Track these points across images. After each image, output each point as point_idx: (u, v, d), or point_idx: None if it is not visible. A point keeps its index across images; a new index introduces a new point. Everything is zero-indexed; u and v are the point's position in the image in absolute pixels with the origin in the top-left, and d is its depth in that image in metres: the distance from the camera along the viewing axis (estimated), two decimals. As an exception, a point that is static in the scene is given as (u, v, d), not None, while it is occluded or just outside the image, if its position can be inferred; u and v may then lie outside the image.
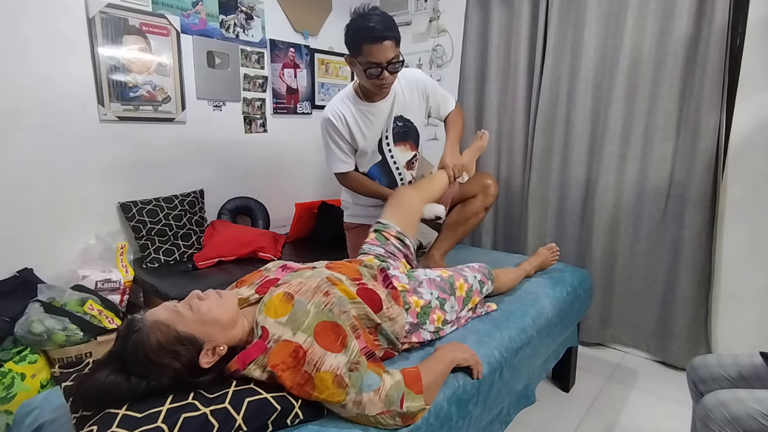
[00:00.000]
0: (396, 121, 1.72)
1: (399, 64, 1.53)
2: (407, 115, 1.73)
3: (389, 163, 1.78)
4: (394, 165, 1.80)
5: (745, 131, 1.96)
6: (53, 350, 1.66)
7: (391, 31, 1.48)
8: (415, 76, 1.76)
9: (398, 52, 1.52)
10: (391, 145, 1.74)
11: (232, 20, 2.47)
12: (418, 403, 0.96)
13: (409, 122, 1.74)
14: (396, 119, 1.71)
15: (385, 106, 1.70)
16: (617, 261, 2.31)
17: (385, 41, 1.46)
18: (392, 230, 1.46)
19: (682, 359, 2.12)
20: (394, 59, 1.50)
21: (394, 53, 1.50)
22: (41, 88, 1.85)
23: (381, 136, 1.73)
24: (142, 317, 0.88)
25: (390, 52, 1.48)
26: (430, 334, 1.25)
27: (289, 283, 1.04)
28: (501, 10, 2.56)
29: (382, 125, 1.71)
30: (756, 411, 1.03)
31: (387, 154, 1.75)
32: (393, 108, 1.70)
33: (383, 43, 1.46)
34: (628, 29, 2.12)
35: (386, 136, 1.72)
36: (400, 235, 1.46)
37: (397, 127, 1.73)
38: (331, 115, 1.69)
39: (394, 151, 1.76)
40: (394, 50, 1.50)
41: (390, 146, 1.74)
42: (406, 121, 1.73)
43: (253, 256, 2.27)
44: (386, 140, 1.73)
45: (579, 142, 2.34)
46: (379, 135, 1.72)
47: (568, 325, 1.75)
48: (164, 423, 0.78)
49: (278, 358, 0.89)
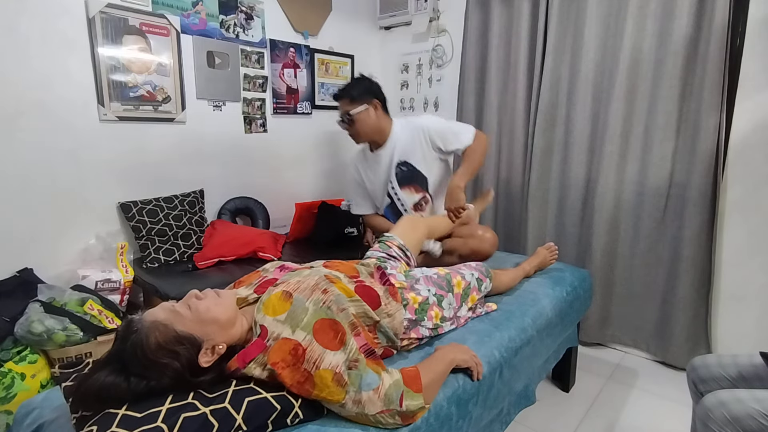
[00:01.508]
0: (400, 167, 1.87)
1: (347, 116, 1.83)
2: (410, 160, 1.85)
3: (397, 206, 1.94)
4: (401, 207, 1.94)
5: (745, 131, 1.96)
6: (53, 350, 1.66)
7: (343, 92, 1.84)
8: (420, 123, 1.85)
9: (349, 109, 1.82)
10: (396, 189, 1.89)
11: (232, 20, 2.46)
12: (417, 402, 0.96)
13: (412, 167, 1.85)
14: (399, 164, 1.86)
15: (384, 153, 1.88)
16: (617, 261, 2.30)
17: (338, 100, 1.84)
18: (395, 241, 1.52)
19: (682, 359, 2.12)
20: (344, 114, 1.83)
21: (344, 109, 1.83)
22: (41, 88, 1.85)
23: (386, 181, 1.89)
24: (141, 318, 0.87)
25: (342, 108, 1.83)
26: (429, 330, 1.25)
27: (288, 282, 1.04)
28: (501, 10, 2.56)
29: (384, 171, 1.88)
30: (756, 411, 1.03)
31: (394, 197, 1.91)
32: (394, 155, 1.85)
33: (337, 101, 1.85)
34: (628, 29, 2.12)
35: (390, 180, 1.88)
36: (403, 247, 1.52)
37: (402, 172, 1.87)
38: (351, 163, 2.04)
39: (400, 194, 1.90)
40: (346, 107, 1.83)
41: (395, 189, 1.89)
42: (410, 166, 1.86)
43: (253, 256, 2.27)
44: (390, 184, 1.90)
45: (579, 142, 2.34)
46: (385, 180, 1.89)
47: (568, 325, 1.75)
48: (164, 423, 0.78)
49: (278, 356, 0.89)
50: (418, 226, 1.63)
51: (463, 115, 2.77)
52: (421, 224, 1.65)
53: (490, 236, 1.70)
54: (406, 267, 1.46)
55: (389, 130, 1.85)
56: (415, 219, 1.67)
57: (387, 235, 1.55)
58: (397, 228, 1.60)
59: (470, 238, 1.68)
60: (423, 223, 1.66)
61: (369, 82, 1.84)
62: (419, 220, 1.67)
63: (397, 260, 1.46)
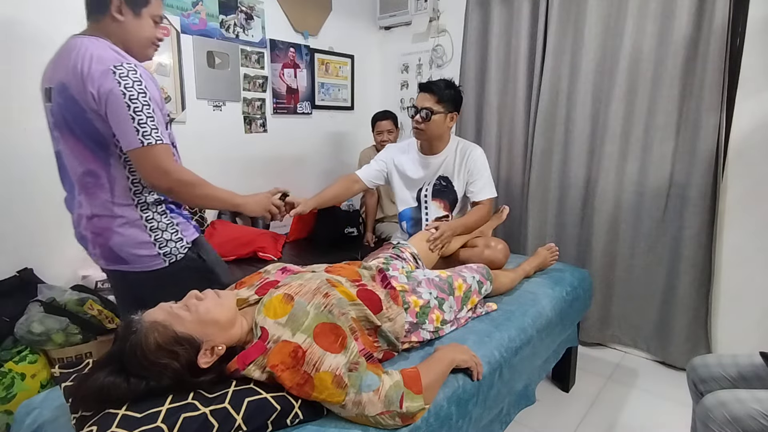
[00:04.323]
0: (440, 179, 1.92)
1: (428, 112, 1.80)
2: (451, 178, 1.91)
3: (421, 212, 1.97)
4: (425, 215, 1.97)
5: (745, 131, 1.96)
6: (53, 350, 1.66)
7: (436, 88, 1.81)
8: (472, 151, 1.90)
9: (433, 107, 1.80)
10: (429, 198, 1.94)
11: (232, 20, 2.46)
12: (417, 403, 0.96)
13: (450, 184, 1.92)
14: (441, 177, 1.92)
15: (434, 162, 1.91)
16: (617, 261, 2.30)
17: (427, 92, 1.81)
18: (410, 249, 1.55)
19: (681, 359, 2.12)
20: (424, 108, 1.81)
21: (427, 104, 1.81)
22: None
23: (422, 186, 1.93)
24: (140, 318, 0.87)
25: (426, 102, 1.80)
26: (430, 333, 1.25)
27: (289, 284, 1.04)
28: (501, 10, 2.56)
29: (426, 176, 1.93)
30: (756, 411, 1.03)
31: (423, 203, 1.95)
32: (440, 167, 1.91)
33: (423, 92, 1.83)
34: (628, 29, 2.12)
35: (426, 187, 1.94)
36: (416, 255, 1.55)
37: (439, 185, 1.93)
38: (391, 147, 2.05)
39: (430, 204, 1.95)
40: (429, 102, 1.80)
41: (427, 198, 1.94)
42: (449, 183, 1.92)
43: (253, 256, 2.27)
44: (425, 191, 1.94)
45: (579, 142, 2.34)
46: (421, 184, 1.93)
47: (567, 325, 1.75)
48: (164, 423, 0.78)
49: (278, 359, 0.89)
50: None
51: (463, 115, 2.77)
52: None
53: (503, 247, 1.76)
54: (412, 267, 1.47)
55: (446, 144, 1.92)
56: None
57: (404, 242, 1.60)
58: (413, 240, 1.64)
59: (485, 248, 1.75)
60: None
61: (459, 94, 1.87)
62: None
63: (406, 261, 1.47)
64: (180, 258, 1.24)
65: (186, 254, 1.25)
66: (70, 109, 1.11)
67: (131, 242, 1.19)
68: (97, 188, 1.17)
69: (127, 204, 1.18)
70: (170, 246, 1.22)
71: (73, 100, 1.10)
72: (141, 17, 1.18)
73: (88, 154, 1.15)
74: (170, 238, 1.23)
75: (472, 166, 1.88)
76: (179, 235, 1.25)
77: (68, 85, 1.10)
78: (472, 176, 1.88)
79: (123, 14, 1.15)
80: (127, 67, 1.08)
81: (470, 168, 1.88)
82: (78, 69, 1.07)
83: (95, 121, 1.11)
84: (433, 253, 1.66)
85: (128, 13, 1.16)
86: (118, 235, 1.18)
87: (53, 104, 1.16)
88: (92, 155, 1.15)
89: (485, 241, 1.79)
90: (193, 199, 1.23)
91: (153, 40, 1.24)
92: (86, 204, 1.20)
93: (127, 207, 1.18)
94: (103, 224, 1.19)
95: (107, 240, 1.19)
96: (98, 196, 1.18)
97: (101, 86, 1.05)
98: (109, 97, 1.06)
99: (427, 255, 1.62)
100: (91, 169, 1.16)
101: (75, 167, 1.19)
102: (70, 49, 1.12)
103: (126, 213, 1.18)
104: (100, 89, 1.06)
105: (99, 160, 1.15)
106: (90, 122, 1.11)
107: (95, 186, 1.17)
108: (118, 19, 1.15)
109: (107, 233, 1.19)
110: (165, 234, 1.22)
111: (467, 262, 1.65)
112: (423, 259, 1.58)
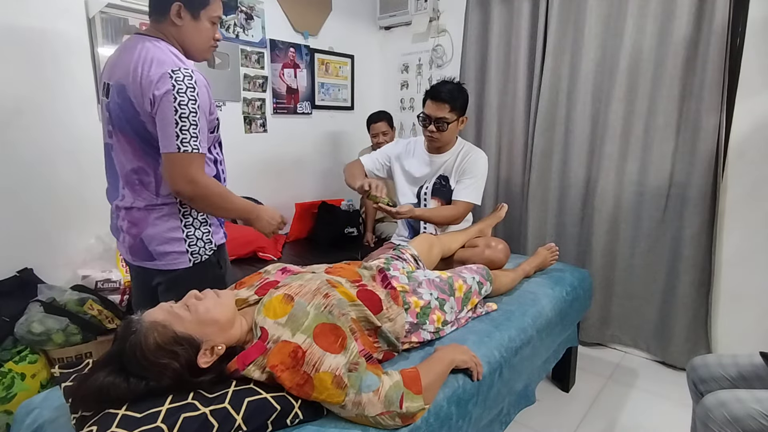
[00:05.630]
0: (441, 179, 1.94)
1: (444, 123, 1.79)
2: (450, 178, 1.93)
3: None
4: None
5: (745, 131, 1.96)
6: (53, 350, 1.66)
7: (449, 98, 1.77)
8: (473, 156, 1.92)
9: (448, 117, 1.78)
10: (428, 196, 1.96)
11: (232, 20, 2.46)
12: (417, 404, 0.96)
13: (449, 185, 1.94)
14: (441, 177, 1.94)
15: (438, 161, 1.93)
16: (617, 261, 2.30)
17: (439, 101, 1.77)
18: (410, 250, 1.55)
19: (682, 359, 2.12)
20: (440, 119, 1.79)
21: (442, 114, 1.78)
22: (41, 87, 1.85)
23: (423, 183, 1.96)
24: (140, 318, 0.87)
25: (439, 112, 1.78)
26: (430, 334, 1.25)
27: (289, 285, 1.04)
28: (501, 10, 2.56)
29: (428, 174, 1.94)
30: (756, 411, 1.03)
31: (422, 200, 1.97)
32: (443, 167, 1.92)
33: (435, 102, 1.78)
34: (628, 29, 2.12)
35: (427, 185, 1.95)
36: (417, 257, 1.54)
37: (439, 184, 1.94)
38: (398, 142, 2.06)
39: (429, 202, 1.96)
40: (444, 112, 1.78)
41: (427, 196, 1.96)
42: (448, 183, 1.93)
43: (253, 256, 2.27)
44: (425, 189, 1.96)
45: (579, 142, 2.34)
46: (423, 182, 1.96)
47: (567, 325, 1.75)
48: (164, 423, 0.78)
49: (277, 359, 0.89)
50: (434, 246, 1.67)
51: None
52: (437, 244, 1.69)
53: (503, 247, 1.77)
54: (413, 268, 1.47)
55: (453, 145, 1.94)
56: (432, 238, 1.71)
57: (404, 244, 1.60)
58: (413, 242, 1.64)
59: (486, 248, 1.75)
60: (438, 244, 1.70)
61: (467, 96, 1.87)
62: (435, 241, 1.71)
63: (407, 262, 1.47)
64: (204, 260, 1.26)
65: (209, 258, 1.28)
66: (125, 110, 1.15)
67: (163, 236, 1.22)
68: (143, 185, 1.21)
69: (170, 202, 1.22)
70: (198, 246, 1.25)
71: (129, 102, 1.14)
72: (199, 20, 1.21)
73: (138, 153, 1.19)
74: (201, 237, 1.26)
75: (467, 167, 1.90)
76: (209, 237, 1.28)
77: (127, 87, 1.13)
78: (463, 175, 1.90)
79: (182, 18, 1.18)
80: (184, 72, 1.11)
81: (465, 168, 1.90)
82: (138, 72, 1.11)
83: (148, 124, 1.14)
84: (434, 255, 1.66)
85: (187, 17, 1.19)
86: (152, 226, 1.22)
87: (110, 101, 1.19)
88: (143, 153, 1.19)
89: (485, 241, 1.80)
90: (213, 211, 1.27)
91: (211, 42, 1.27)
92: (129, 196, 1.23)
93: (169, 204, 1.22)
94: (141, 215, 1.22)
95: (141, 231, 1.22)
96: (143, 192, 1.22)
97: (158, 89, 1.09)
98: (162, 99, 1.09)
99: (428, 256, 1.62)
100: (140, 167, 1.20)
101: (123, 163, 1.22)
102: (131, 49, 1.15)
103: (166, 207, 1.22)
104: (156, 93, 1.09)
105: (149, 158, 1.19)
106: (143, 124, 1.15)
107: (141, 183, 1.21)
108: (177, 24, 1.18)
109: (142, 224, 1.22)
110: (197, 233, 1.25)
111: (467, 263, 1.65)
112: (423, 260, 1.58)
